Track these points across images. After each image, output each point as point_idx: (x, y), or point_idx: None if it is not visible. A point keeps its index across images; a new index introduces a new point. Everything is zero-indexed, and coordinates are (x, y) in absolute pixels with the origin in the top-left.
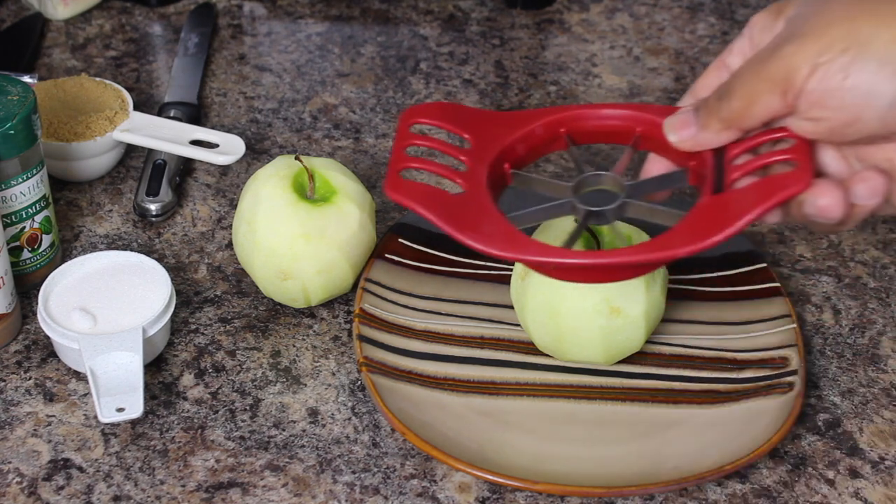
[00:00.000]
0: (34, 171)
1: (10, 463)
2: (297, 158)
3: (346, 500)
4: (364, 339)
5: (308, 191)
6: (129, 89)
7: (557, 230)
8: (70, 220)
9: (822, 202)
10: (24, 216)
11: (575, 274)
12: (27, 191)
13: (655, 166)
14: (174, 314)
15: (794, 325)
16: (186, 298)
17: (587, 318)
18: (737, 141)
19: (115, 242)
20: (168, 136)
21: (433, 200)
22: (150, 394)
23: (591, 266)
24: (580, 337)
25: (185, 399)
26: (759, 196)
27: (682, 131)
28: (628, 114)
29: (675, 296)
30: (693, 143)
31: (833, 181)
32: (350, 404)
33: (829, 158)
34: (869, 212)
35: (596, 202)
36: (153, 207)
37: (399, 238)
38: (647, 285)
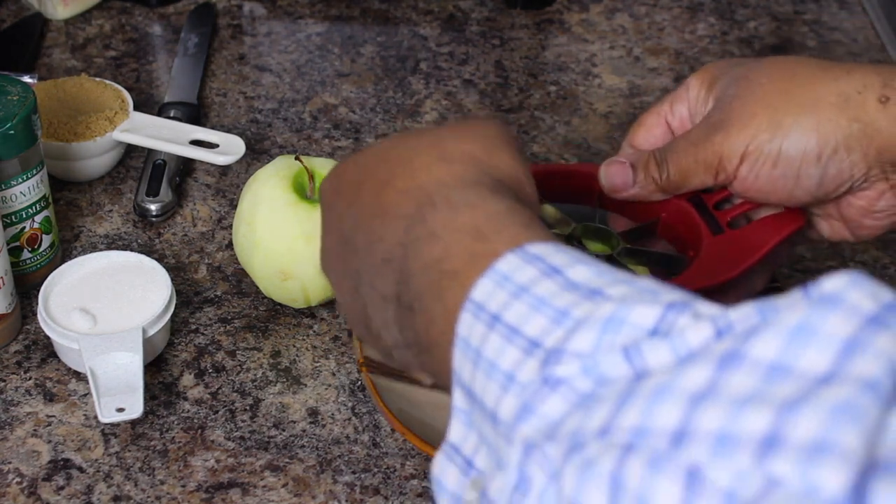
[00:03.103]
0: (34, 171)
1: (10, 463)
2: (297, 158)
3: (346, 501)
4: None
5: (308, 191)
6: (129, 89)
7: None
8: (70, 220)
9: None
10: (24, 216)
11: None
12: (27, 191)
13: (619, 222)
14: (174, 314)
15: None
16: (186, 298)
17: None
18: (709, 191)
19: (115, 242)
20: (168, 136)
21: None
22: (150, 394)
23: None
24: None
25: (185, 399)
26: (767, 233)
27: (616, 181)
28: (590, 173)
29: None
30: (627, 196)
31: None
32: (350, 404)
33: None
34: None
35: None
36: (153, 207)
37: None
38: None
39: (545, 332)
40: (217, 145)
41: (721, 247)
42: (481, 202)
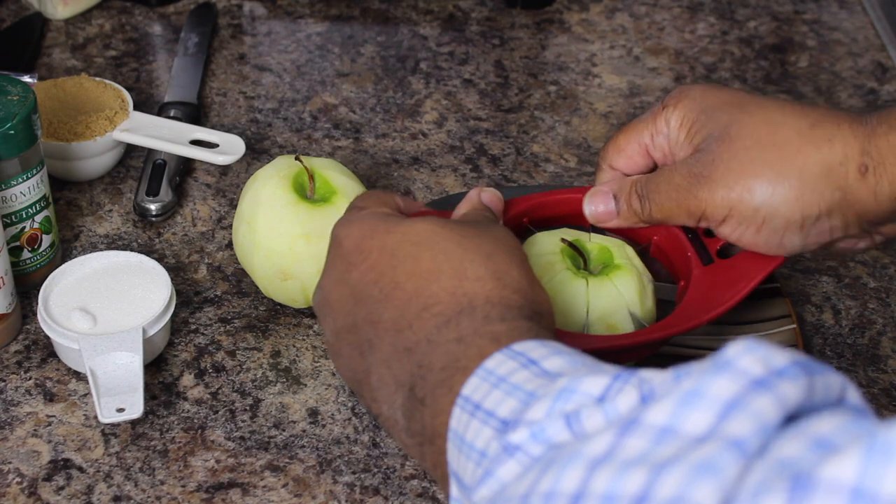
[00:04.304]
0: (34, 171)
1: (10, 463)
2: (297, 158)
3: (346, 501)
4: None
5: (308, 191)
6: (129, 89)
7: (541, 249)
8: (70, 220)
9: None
10: (24, 216)
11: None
12: (27, 191)
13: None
14: (174, 314)
15: (794, 326)
16: (186, 298)
17: (580, 325)
18: None
19: (115, 242)
20: (168, 136)
21: None
22: (150, 394)
23: (636, 344)
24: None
25: (185, 399)
26: (752, 268)
27: (600, 210)
28: (580, 198)
29: None
30: (611, 226)
31: None
32: (350, 404)
33: None
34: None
35: None
36: (153, 207)
37: None
38: (640, 296)
39: (514, 412)
40: (217, 145)
41: (710, 279)
42: (512, 321)
